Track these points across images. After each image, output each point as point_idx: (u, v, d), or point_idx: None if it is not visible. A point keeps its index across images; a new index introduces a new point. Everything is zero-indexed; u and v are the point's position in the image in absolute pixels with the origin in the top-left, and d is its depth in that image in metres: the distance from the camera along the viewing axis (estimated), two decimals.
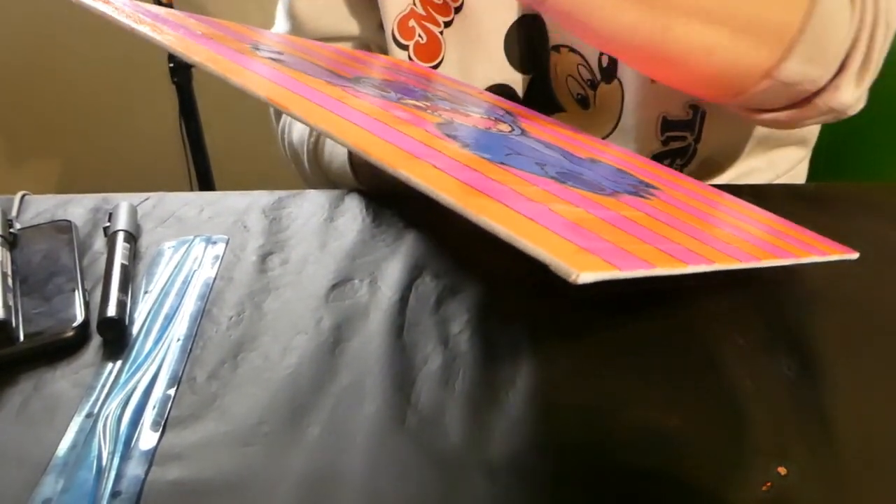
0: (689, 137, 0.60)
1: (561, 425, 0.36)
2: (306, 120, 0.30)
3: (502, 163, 0.33)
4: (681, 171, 0.61)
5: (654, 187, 0.41)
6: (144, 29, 0.35)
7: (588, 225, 0.29)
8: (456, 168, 0.29)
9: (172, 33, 0.37)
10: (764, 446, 0.34)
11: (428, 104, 0.41)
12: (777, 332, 0.41)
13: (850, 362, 0.39)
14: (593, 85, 0.61)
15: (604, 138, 0.62)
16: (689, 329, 0.41)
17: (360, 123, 0.32)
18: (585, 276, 0.23)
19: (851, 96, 0.49)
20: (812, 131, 0.67)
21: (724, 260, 0.32)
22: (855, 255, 0.43)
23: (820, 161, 0.69)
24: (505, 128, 0.42)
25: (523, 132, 0.43)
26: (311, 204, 0.53)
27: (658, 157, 0.60)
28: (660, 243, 0.30)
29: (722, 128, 0.60)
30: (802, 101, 0.50)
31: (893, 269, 0.46)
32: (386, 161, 0.28)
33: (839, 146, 0.72)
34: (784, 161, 0.67)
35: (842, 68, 0.48)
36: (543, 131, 0.46)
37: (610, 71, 0.59)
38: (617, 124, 0.61)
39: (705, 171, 0.64)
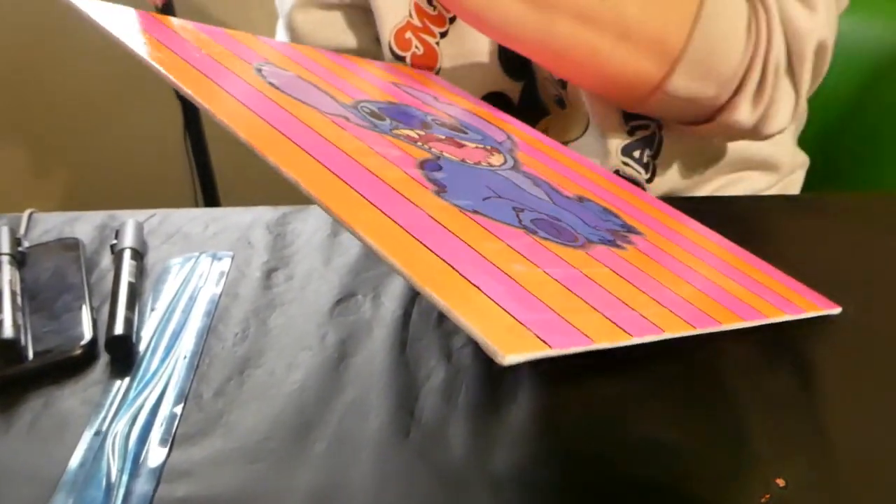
0: (652, 125, 0.60)
1: (563, 438, 0.36)
2: (278, 166, 0.30)
3: (475, 210, 0.34)
4: (652, 162, 0.61)
5: (636, 232, 0.41)
6: (143, 52, 0.36)
7: (539, 290, 0.29)
8: (418, 225, 0.30)
9: (170, 59, 0.37)
10: (763, 458, 0.34)
11: (421, 133, 0.41)
12: (776, 344, 0.41)
13: (849, 374, 0.39)
14: (563, 84, 0.62)
15: (581, 136, 0.63)
16: (689, 342, 0.41)
17: (333, 169, 0.32)
18: (511, 359, 0.24)
19: (749, 117, 0.53)
20: (779, 159, 0.67)
21: (677, 328, 0.32)
22: (837, 310, 0.43)
23: (816, 171, 0.70)
24: (497, 160, 0.43)
25: (516, 163, 0.44)
26: (315, 219, 0.53)
27: (628, 149, 0.60)
28: (611, 309, 0.31)
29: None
30: (707, 118, 0.55)
31: (889, 278, 0.46)
32: (347, 220, 0.28)
33: (835, 156, 0.72)
34: (747, 184, 0.66)
35: (738, 90, 0.52)
36: (538, 161, 0.46)
37: None
38: (589, 121, 0.62)
39: (683, 171, 0.64)
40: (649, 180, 0.61)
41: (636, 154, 0.61)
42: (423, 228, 0.30)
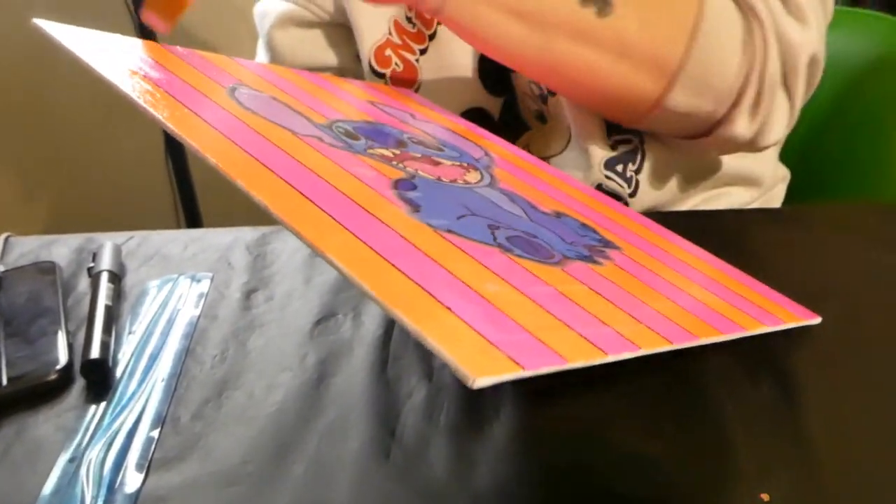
0: (634, 140, 0.61)
1: (545, 455, 0.36)
2: (247, 190, 0.30)
3: (449, 230, 0.34)
4: (636, 176, 0.61)
5: (613, 246, 0.41)
6: (113, 77, 0.36)
7: (512, 309, 0.29)
8: (389, 247, 0.30)
9: (141, 84, 0.37)
10: (746, 472, 0.34)
11: (397, 152, 0.41)
12: (758, 355, 0.41)
13: (832, 385, 0.39)
14: (544, 99, 0.62)
15: (564, 150, 0.63)
16: (671, 355, 0.41)
17: (303, 191, 0.32)
18: (482, 381, 0.23)
19: (746, 129, 0.54)
20: (761, 173, 0.67)
21: (653, 343, 0.32)
22: (817, 320, 0.43)
23: (796, 182, 0.70)
24: (474, 177, 0.43)
25: (493, 180, 0.43)
26: (295, 239, 0.52)
27: (610, 163, 0.61)
28: (586, 327, 0.30)
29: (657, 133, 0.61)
30: (704, 132, 0.55)
31: (871, 288, 0.47)
32: (316, 244, 0.28)
33: (815, 167, 0.73)
34: (730, 199, 0.67)
35: (735, 103, 0.53)
36: (515, 177, 0.46)
37: None
38: (571, 136, 0.62)
39: (663, 186, 0.64)
40: (632, 195, 0.61)
41: (619, 168, 0.61)
42: (394, 250, 0.29)
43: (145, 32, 1.31)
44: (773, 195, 0.68)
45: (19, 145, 1.70)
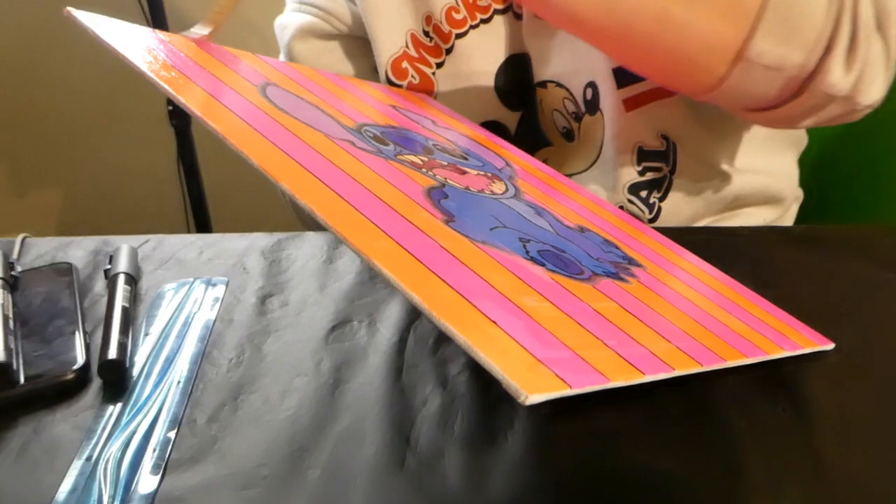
0: (664, 168, 0.61)
1: (559, 466, 0.36)
2: (292, 194, 0.31)
3: (484, 241, 0.34)
4: (658, 203, 0.62)
5: (637, 264, 0.42)
6: (148, 69, 0.36)
7: (552, 325, 0.29)
8: (431, 257, 0.30)
9: (177, 76, 0.37)
10: (759, 488, 0.34)
11: (425, 159, 0.42)
12: (771, 373, 0.41)
13: (844, 405, 0.39)
14: (578, 117, 0.62)
15: (587, 169, 0.63)
16: None
17: (346, 198, 0.32)
18: (534, 398, 0.24)
19: (843, 79, 0.48)
20: (781, 191, 0.67)
21: (685, 365, 0.33)
22: (830, 346, 0.43)
23: (809, 201, 0.71)
24: (499, 188, 0.43)
25: (517, 192, 0.44)
26: (310, 245, 0.53)
27: (635, 188, 0.61)
28: (623, 346, 0.31)
29: (695, 159, 0.61)
30: (796, 91, 0.49)
31: (882, 309, 0.47)
32: (364, 251, 0.28)
33: (828, 186, 0.73)
34: (752, 220, 0.67)
35: (828, 49, 0.47)
36: (538, 189, 0.46)
37: (593, 103, 0.61)
38: (599, 155, 0.62)
39: (686, 209, 0.64)
40: (652, 220, 0.61)
41: (643, 194, 0.61)
42: (435, 259, 0.30)
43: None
44: (786, 215, 0.69)
45: (32, 147, 1.71)
